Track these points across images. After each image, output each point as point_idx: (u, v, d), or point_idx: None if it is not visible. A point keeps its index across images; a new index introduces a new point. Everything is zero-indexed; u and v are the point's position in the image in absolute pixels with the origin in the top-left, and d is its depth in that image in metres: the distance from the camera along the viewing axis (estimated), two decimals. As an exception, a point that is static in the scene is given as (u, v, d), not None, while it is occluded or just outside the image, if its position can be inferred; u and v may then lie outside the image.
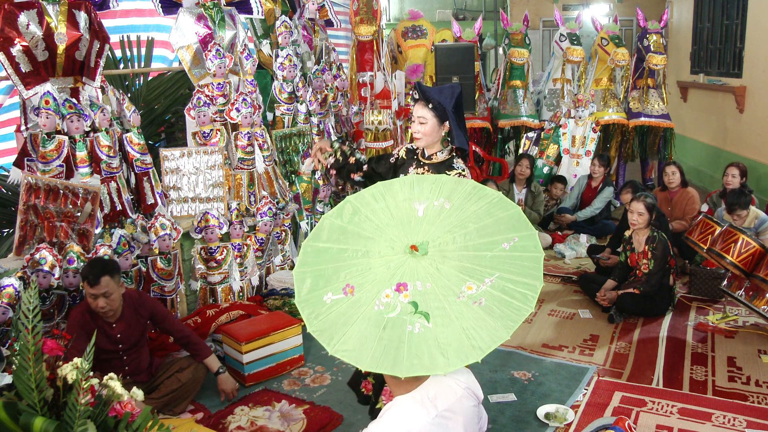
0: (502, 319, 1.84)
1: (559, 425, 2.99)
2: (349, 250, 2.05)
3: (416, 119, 2.83)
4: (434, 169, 2.88)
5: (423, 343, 1.77)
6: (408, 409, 2.00)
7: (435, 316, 1.83)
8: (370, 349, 1.79)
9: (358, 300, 1.89)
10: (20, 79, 3.24)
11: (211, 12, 4.22)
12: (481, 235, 2.06)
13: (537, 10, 11.69)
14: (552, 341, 3.95)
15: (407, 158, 3.03)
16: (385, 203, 2.17)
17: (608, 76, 7.01)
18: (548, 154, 6.77)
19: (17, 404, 1.70)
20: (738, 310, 4.29)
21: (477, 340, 1.79)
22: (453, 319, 1.83)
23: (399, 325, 1.81)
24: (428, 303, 1.86)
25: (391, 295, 1.89)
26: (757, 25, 6.73)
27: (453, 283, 1.92)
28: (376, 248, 2.05)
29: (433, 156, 2.89)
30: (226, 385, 3.22)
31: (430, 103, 2.79)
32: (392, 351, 1.77)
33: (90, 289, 2.85)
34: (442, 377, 2.06)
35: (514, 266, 1.97)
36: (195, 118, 4.16)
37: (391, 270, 1.96)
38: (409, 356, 1.75)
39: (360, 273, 1.97)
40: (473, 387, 2.10)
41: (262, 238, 4.27)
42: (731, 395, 3.25)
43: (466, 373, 2.12)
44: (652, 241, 4.22)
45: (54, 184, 3.31)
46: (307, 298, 1.92)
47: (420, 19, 6.71)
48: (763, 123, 6.57)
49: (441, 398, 2.02)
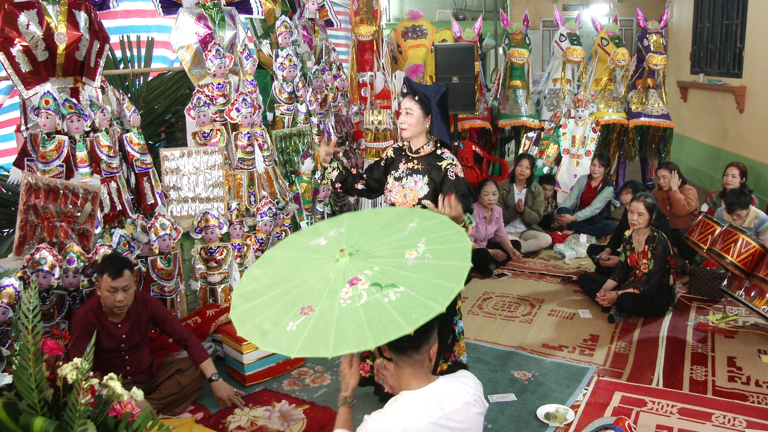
0: (455, 259, 2.05)
1: (559, 425, 2.99)
2: (282, 290, 2.15)
3: (403, 110, 3.01)
4: (423, 162, 3.04)
5: (407, 301, 1.90)
6: (412, 405, 2.01)
7: (400, 282, 1.96)
8: (366, 331, 1.85)
9: (321, 311, 1.96)
10: (20, 79, 3.24)
11: (211, 12, 4.22)
12: (387, 228, 2.32)
13: (537, 10, 11.69)
14: (552, 341, 3.95)
15: (395, 156, 3.18)
16: (286, 254, 2.37)
17: (608, 76, 7.01)
18: (548, 154, 6.76)
19: (17, 404, 1.70)
20: (738, 310, 4.29)
21: (449, 280, 1.95)
22: (417, 278, 1.98)
23: (375, 304, 1.92)
24: (387, 279, 2.00)
25: (350, 291, 2.00)
26: (757, 25, 6.73)
27: (394, 257, 2.11)
28: (306, 275, 2.18)
29: (420, 150, 3.06)
30: (220, 392, 3.19)
31: (416, 95, 2.98)
32: (386, 320, 1.86)
33: (112, 282, 2.86)
34: (453, 381, 2.08)
35: (432, 229, 2.23)
36: (195, 118, 4.16)
37: (334, 277, 2.08)
38: (404, 314, 1.85)
39: (307, 295, 2.06)
40: (481, 396, 2.12)
41: (262, 238, 4.27)
42: (731, 395, 3.25)
43: (476, 383, 2.14)
44: (652, 241, 4.22)
45: (54, 184, 3.31)
46: (272, 340, 1.95)
47: (420, 19, 6.71)
48: (763, 123, 6.57)
49: (448, 400, 2.02)
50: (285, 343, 1.90)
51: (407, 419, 1.99)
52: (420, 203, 3.01)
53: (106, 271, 2.87)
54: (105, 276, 2.87)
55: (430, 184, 3.00)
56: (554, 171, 6.75)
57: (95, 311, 2.98)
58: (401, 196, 3.05)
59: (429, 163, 3.03)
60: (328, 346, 1.84)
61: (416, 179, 3.04)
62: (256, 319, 2.05)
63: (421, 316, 1.83)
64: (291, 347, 1.88)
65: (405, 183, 3.05)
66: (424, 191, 3.00)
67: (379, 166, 3.24)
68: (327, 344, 1.84)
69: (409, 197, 3.04)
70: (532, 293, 4.78)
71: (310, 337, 1.88)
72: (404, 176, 3.06)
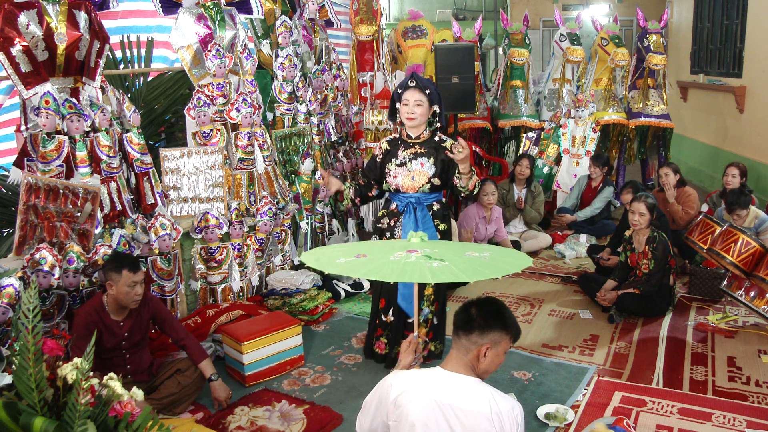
0: (507, 263, 2.36)
1: (559, 425, 2.99)
2: (349, 248, 2.59)
3: (411, 102, 3.28)
4: (425, 146, 3.36)
5: (443, 269, 2.16)
6: (432, 378, 2.04)
7: (449, 260, 2.23)
8: (395, 272, 2.17)
9: (371, 259, 2.31)
10: (20, 79, 3.24)
11: (211, 12, 4.22)
12: (465, 246, 2.74)
13: (537, 10, 11.69)
14: (552, 341, 3.95)
15: (391, 147, 3.44)
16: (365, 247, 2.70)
17: (608, 76, 7.01)
18: (548, 154, 6.76)
19: (17, 404, 1.70)
20: (738, 310, 4.29)
21: (489, 269, 2.23)
22: (464, 262, 2.27)
23: (419, 264, 2.21)
24: (439, 256, 2.27)
25: (403, 254, 2.30)
26: (757, 25, 6.73)
27: (456, 251, 2.44)
28: (376, 246, 2.58)
29: (420, 136, 3.38)
30: (218, 393, 3.19)
31: (427, 89, 3.28)
32: (415, 271, 2.17)
33: (133, 276, 2.94)
34: (485, 389, 2.02)
35: (501, 251, 2.56)
36: (195, 118, 4.16)
37: (398, 247, 2.42)
38: (433, 273, 2.13)
39: (367, 249, 2.49)
40: (508, 424, 1.95)
41: (262, 238, 4.27)
42: (731, 395, 3.25)
43: (511, 409, 1.98)
44: (652, 241, 4.22)
45: (54, 184, 3.31)
46: (321, 263, 2.33)
47: (420, 19, 6.71)
48: (763, 123, 6.57)
49: (465, 396, 2.00)
50: (329, 265, 2.30)
51: (417, 384, 2.00)
52: (429, 182, 3.33)
53: (125, 267, 2.93)
54: (125, 272, 2.93)
55: (437, 164, 3.33)
56: (554, 171, 6.75)
57: (98, 310, 2.99)
58: (409, 179, 3.35)
59: (432, 146, 3.35)
60: (358, 271, 2.24)
61: (422, 162, 3.34)
62: (317, 254, 2.50)
63: (446, 277, 2.11)
64: (332, 267, 2.28)
65: (410, 167, 3.35)
66: (432, 171, 3.33)
67: (375, 164, 3.47)
68: (358, 270, 2.25)
69: (418, 179, 3.34)
70: (532, 293, 4.78)
71: (349, 265, 2.29)
72: (408, 161, 3.35)
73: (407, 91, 3.29)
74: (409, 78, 3.31)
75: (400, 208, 3.43)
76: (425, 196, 3.39)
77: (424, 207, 3.40)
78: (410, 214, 3.39)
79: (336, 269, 2.27)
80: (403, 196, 3.40)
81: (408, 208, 3.40)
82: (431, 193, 3.40)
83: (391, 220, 3.47)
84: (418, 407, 1.97)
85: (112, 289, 2.96)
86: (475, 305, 2.11)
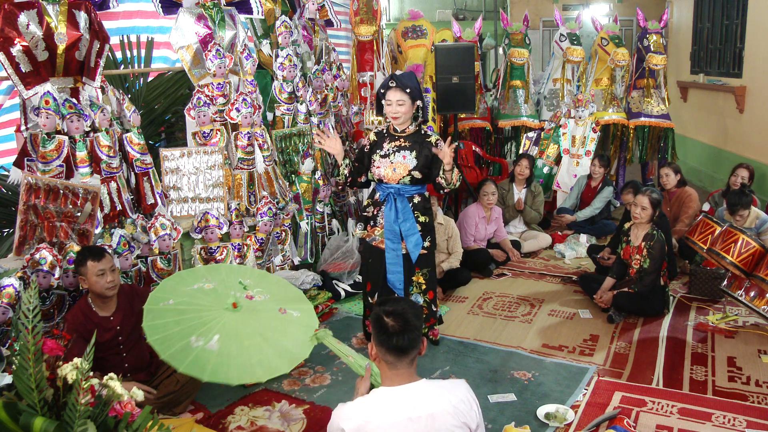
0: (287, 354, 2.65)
1: (559, 425, 2.99)
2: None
3: (394, 102, 3.44)
4: (410, 140, 3.51)
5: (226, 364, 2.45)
6: (380, 401, 2.00)
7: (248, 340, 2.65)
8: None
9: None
10: (20, 79, 3.24)
11: (211, 12, 4.22)
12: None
13: (537, 10, 11.68)
14: (552, 341, 3.95)
15: (378, 139, 3.61)
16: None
17: (608, 76, 7.01)
18: (548, 154, 6.76)
19: (17, 404, 1.70)
20: (738, 310, 4.29)
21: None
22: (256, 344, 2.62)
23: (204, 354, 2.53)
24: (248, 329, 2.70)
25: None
26: (757, 25, 6.73)
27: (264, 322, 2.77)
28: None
29: (406, 129, 3.54)
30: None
31: (408, 88, 3.42)
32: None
33: (98, 265, 2.92)
34: (435, 387, 2.06)
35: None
36: (195, 118, 4.16)
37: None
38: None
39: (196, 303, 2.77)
40: (467, 409, 2.04)
41: (262, 238, 4.27)
42: (731, 395, 3.25)
43: (464, 394, 2.07)
44: (650, 238, 4.20)
45: (54, 184, 3.31)
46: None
47: (420, 19, 6.70)
48: (763, 123, 6.57)
49: (421, 404, 1.98)
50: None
51: (370, 413, 1.97)
52: (410, 174, 3.47)
53: (88, 258, 2.93)
54: (89, 262, 2.93)
55: (419, 158, 3.47)
56: (554, 171, 6.75)
57: (84, 311, 3.00)
58: (390, 170, 3.50)
59: (416, 141, 3.51)
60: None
61: (404, 154, 3.50)
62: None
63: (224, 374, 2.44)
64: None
65: (393, 159, 3.51)
66: (413, 163, 3.48)
67: (363, 154, 3.64)
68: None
69: (399, 170, 3.49)
70: (532, 293, 4.78)
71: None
72: (391, 153, 3.52)
73: (389, 91, 3.45)
74: (389, 79, 3.46)
75: (380, 197, 3.60)
76: (406, 187, 3.52)
77: (405, 198, 3.53)
78: (391, 203, 3.54)
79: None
80: (385, 186, 3.56)
81: (389, 198, 3.55)
82: (412, 185, 3.53)
83: (375, 209, 3.63)
84: (393, 430, 1.96)
85: (85, 283, 2.98)
86: (396, 326, 2.04)
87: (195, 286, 2.92)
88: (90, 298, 3.04)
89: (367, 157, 3.62)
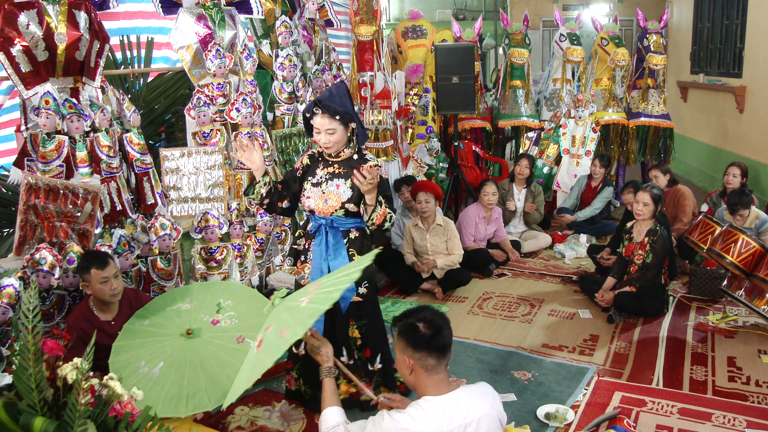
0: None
1: (559, 425, 2.99)
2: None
3: (324, 131, 2.90)
4: (345, 165, 3.00)
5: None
6: (433, 411, 2.03)
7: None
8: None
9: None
10: (20, 79, 3.23)
11: (211, 12, 4.22)
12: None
13: (537, 10, 11.69)
14: (552, 341, 3.95)
15: (311, 163, 3.08)
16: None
17: (608, 76, 7.01)
18: (548, 154, 6.76)
19: (17, 404, 1.70)
20: (738, 310, 4.29)
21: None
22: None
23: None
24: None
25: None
26: (757, 25, 6.73)
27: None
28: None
29: (340, 153, 3.02)
30: None
31: (337, 114, 2.87)
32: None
33: (102, 273, 2.93)
34: (474, 391, 2.15)
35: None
36: (195, 118, 4.16)
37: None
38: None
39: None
40: (500, 409, 2.19)
41: (262, 238, 4.27)
42: (731, 395, 3.25)
43: (494, 395, 2.20)
44: (653, 234, 4.20)
45: (54, 184, 3.31)
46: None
47: (420, 19, 6.71)
48: (763, 123, 6.57)
49: (468, 410, 2.06)
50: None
51: (426, 424, 2.00)
52: (343, 207, 2.96)
53: (92, 266, 2.94)
54: (93, 270, 2.94)
55: (353, 188, 2.93)
56: (554, 171, 6.75)
57: (85, 315, 3.01)
58: (322, 201, 2.97)
59: (351, 166, 2.95)
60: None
61: (338, 183, 2.97)
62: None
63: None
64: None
65: (325, 188, 2.98)
66: (347, 195, 2.95)
67: (295, 179, 3.10)
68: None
69: (331, 202, 2.96)
70: (532, 293, 4.78)
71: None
72: (324, 181, 2.99)
73: (314, 118, 2.92)
74: (313, 104, 2.91)
75: (311, 229, 3.07)
76: (340, 220, 3.00)
77: (339, 232, 3.00)
78: (322, 237, 3.01)
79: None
80: (317, 216, 3.03)
81: (320, 230, 3.02)
82: (347, 218, 3.01)
83: (306, 242, 3.10)
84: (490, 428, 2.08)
85: (89, 289, 2.99)
86: (432, 326, 2.10)
87: (175, 306, 2.91)
88: (91, 301, 3.04)
89: (299, 184, 3.08)
